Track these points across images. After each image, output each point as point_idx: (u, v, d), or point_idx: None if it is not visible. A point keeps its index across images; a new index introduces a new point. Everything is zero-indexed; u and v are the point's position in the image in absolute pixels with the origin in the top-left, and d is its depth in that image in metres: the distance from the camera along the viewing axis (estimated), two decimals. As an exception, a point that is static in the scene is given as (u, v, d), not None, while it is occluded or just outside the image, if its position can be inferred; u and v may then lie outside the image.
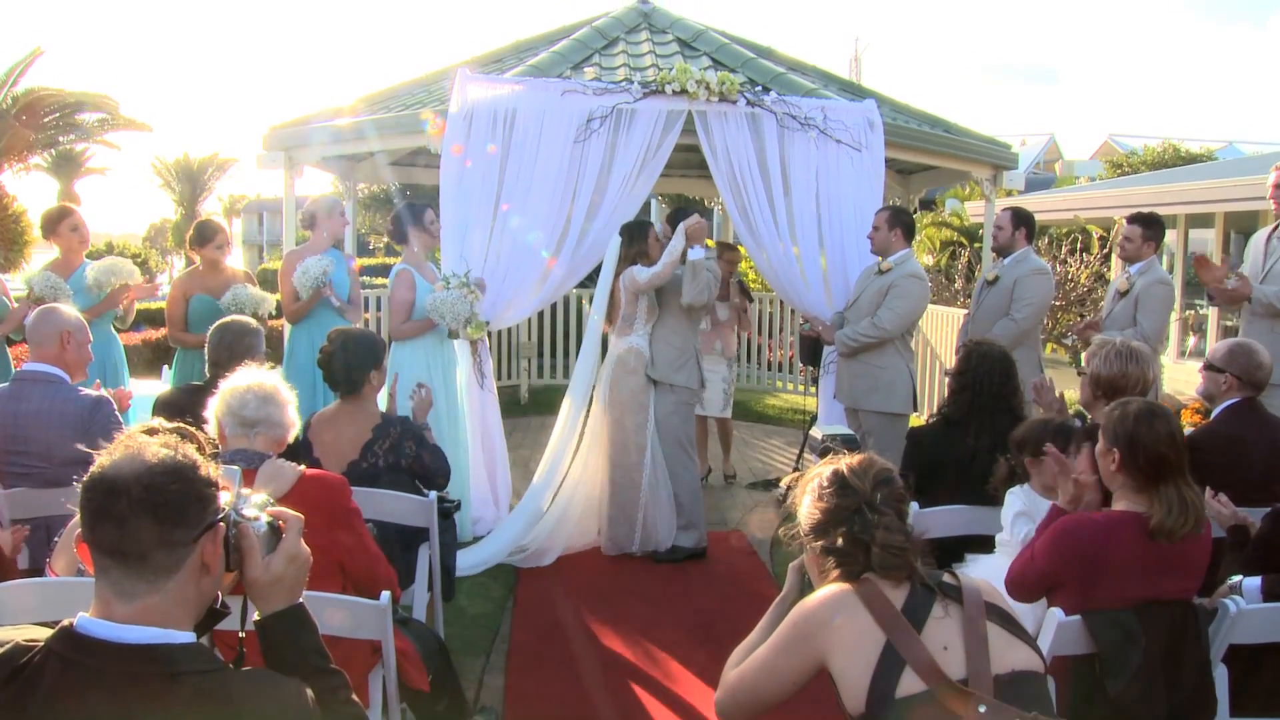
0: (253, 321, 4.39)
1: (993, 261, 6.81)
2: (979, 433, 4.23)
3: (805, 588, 2.38)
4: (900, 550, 2.17)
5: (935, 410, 4.69)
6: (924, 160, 7.99)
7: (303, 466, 2.99)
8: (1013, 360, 4.41)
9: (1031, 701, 2.04)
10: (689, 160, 9.24)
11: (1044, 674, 2.15)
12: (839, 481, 2.27)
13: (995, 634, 2.12)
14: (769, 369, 12.24)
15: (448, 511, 4.27)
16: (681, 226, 5.85)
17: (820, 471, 2.33)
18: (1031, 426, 3.76)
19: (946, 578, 2.23)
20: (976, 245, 16.42)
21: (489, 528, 6.30)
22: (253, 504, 1.79)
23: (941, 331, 9.58)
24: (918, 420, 6.88)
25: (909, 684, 2.03)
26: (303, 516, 1.86)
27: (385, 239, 32.46)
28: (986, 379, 4.31)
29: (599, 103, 6.32)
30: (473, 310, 5.98)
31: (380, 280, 22.08)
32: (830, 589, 2.20)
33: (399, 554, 3.88)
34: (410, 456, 4.09)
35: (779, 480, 2.17)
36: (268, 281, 12.72)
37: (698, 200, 15.19)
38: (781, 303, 12.06)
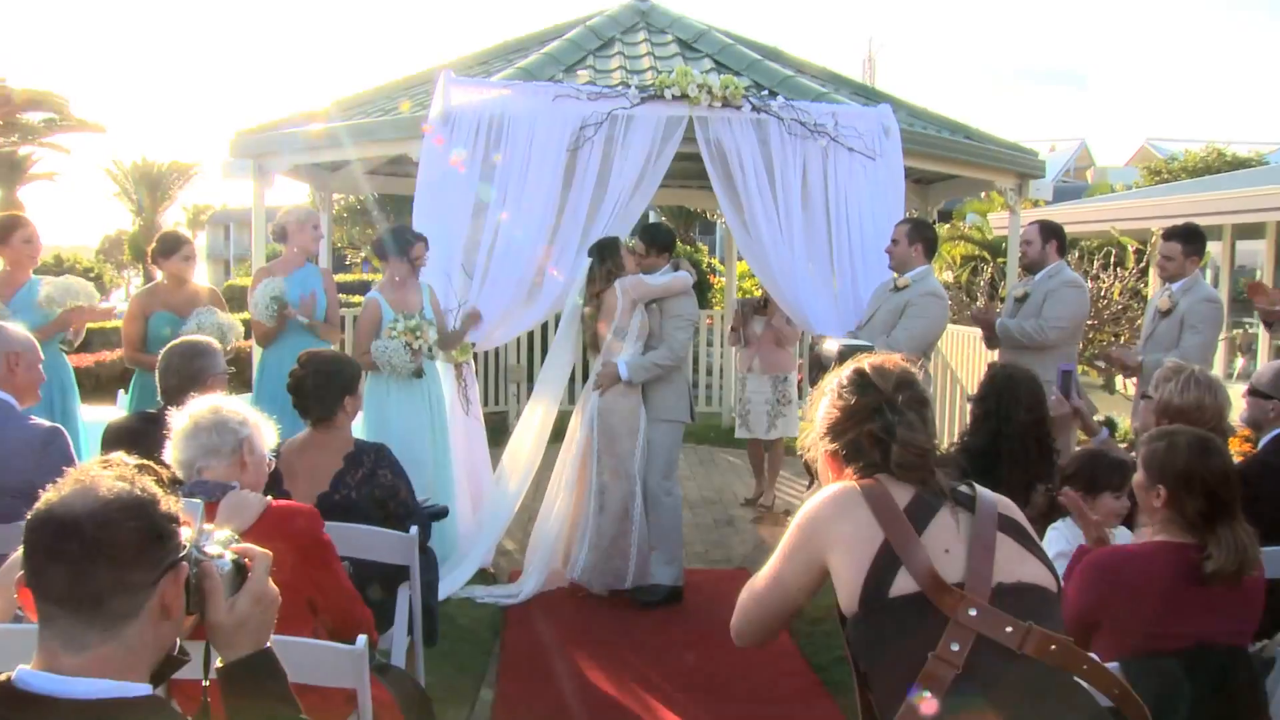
0: (205, 340, 4.30)
1: (1019, 278, 6.81)
2: (1011, 463, 4.19)
3: None
4: (922, 452, 2.23)
5: (955, 439, 4.67)
6: (943, 169, 8.01)
7: (270, 498, 2.97)
8: (1041, 385, 4.40)
9: (1033, 614, 2.06)
10: (689, 170, 9.26)
11: (1055, 593, 2.19)
12: (860, 380, 2.33)
13: (1005, 544, 2.17)
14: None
15: (433, 516, 4.27)
16: (685, 268, 6.18)
17: (840, 371, 2.39)
18: (1083, 458, 3.72)
19: (963, 487, 2.28)
20: (1000, 260, 16.43)
21: (476, 565, 6.29)
22: (216, 540, 1.77)
23: (962, 353, 9.56)
24: (941, 449, 6.87)
25: (903, 584, 2.08)
26: (270, 553, 1.85)
27: (363, 254, 32.56)
28: (1012, 404, 4.29)
29: (593, 108, 6.34)
30: (419, 356, 5.90)
31: (356, 298, 22.11)
32: (834, 486, 2.27)
33: (376, 594, 3.86)
34: (385, 487, 4.07)
35: (788, 515, 2.17)
36: (235, 299, 12.75)
37: (699, 212, 15.23)
38: (789, 321, 12.07)
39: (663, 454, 6.09)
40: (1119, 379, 14.00)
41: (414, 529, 3.96)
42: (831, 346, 5.71)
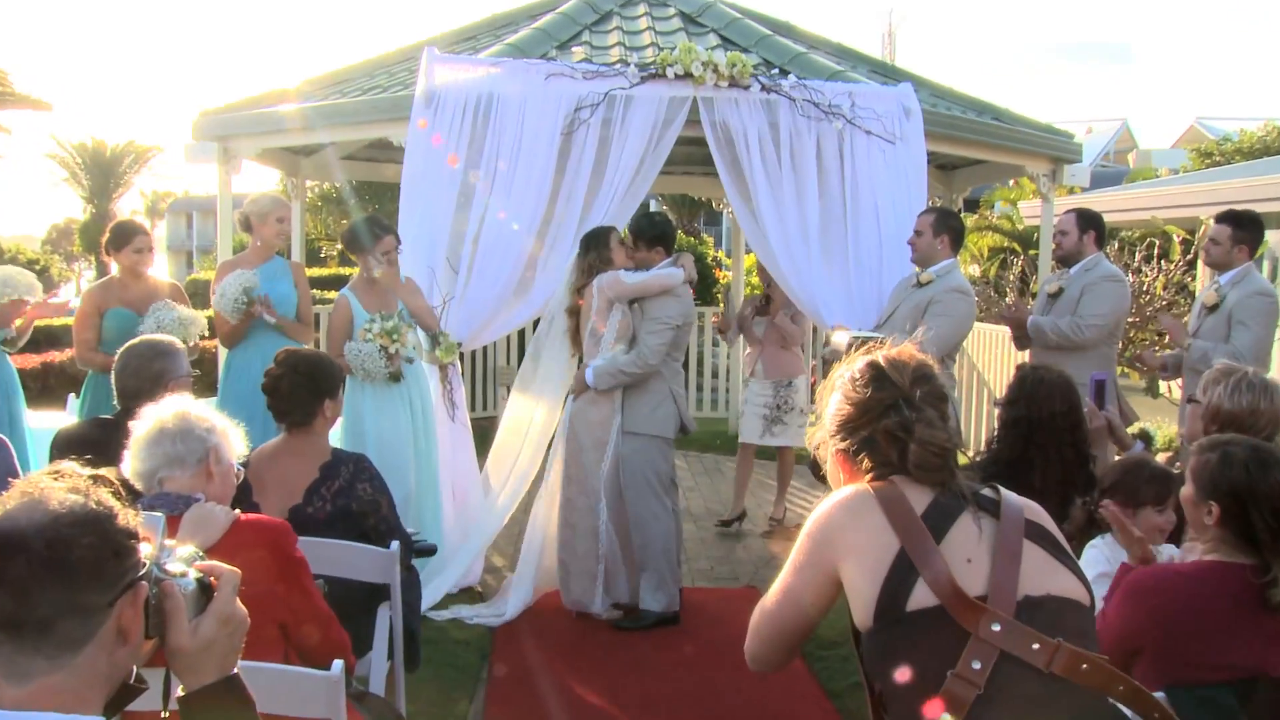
0: (166, 339, 4.30)
1: (1053, 271, 6.80)
2: (1044, 474, 4.17)
3: None
4: (942, 450, 2.23)
5: (982, 448, 4.66)
6: (969, 153, 8.02)
7: (237, 511, 2.97)
8: (1075, 387, 4.39)
9: (1063, 630, 2.05)
10: (693, 155, 9.27)
11: (1088, 606, 2.17)
12: (875, 373, 2.33)
13: (1033, 554, 2.16)
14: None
15: (420, 553, 4.28)
16: (685, 264, 6.02)
17: (852, 364, 2.38)
18: (1122, 469, 3.71)
19: (986, 490, 2.27)
20: (1032, 253, 16.39)
21: (459, 584, 6.30)
22: (178, 557, 1.76)
23: (990, 354, 9.58)
24: (964, 459, 6.88)
25: (920, 596, 2.07)
26: (238, 571, 1.84)
27: (339, 247, 32.58)
28: (1044, 408, 4.27)
29: (589, 88, 6.34)
30: (397, 360, 5.87)
31: (331, 294, 22.14)
32: (845, 490, 2.27)
33: (353, 615, 3.85)
34: (364, 500, 4.07)
35: (798, 529, 2.16)
36: (199, 294, 12.70)
37: (704, 201, 15.23)
38: (793, 318, 12.07)
39: (640, 472, 5.96)
40: (1162, 382, 13.96)
41: (394, 544, 3.96)
42: (841, 339, 5.71)
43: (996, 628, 2.01)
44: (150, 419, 3.01)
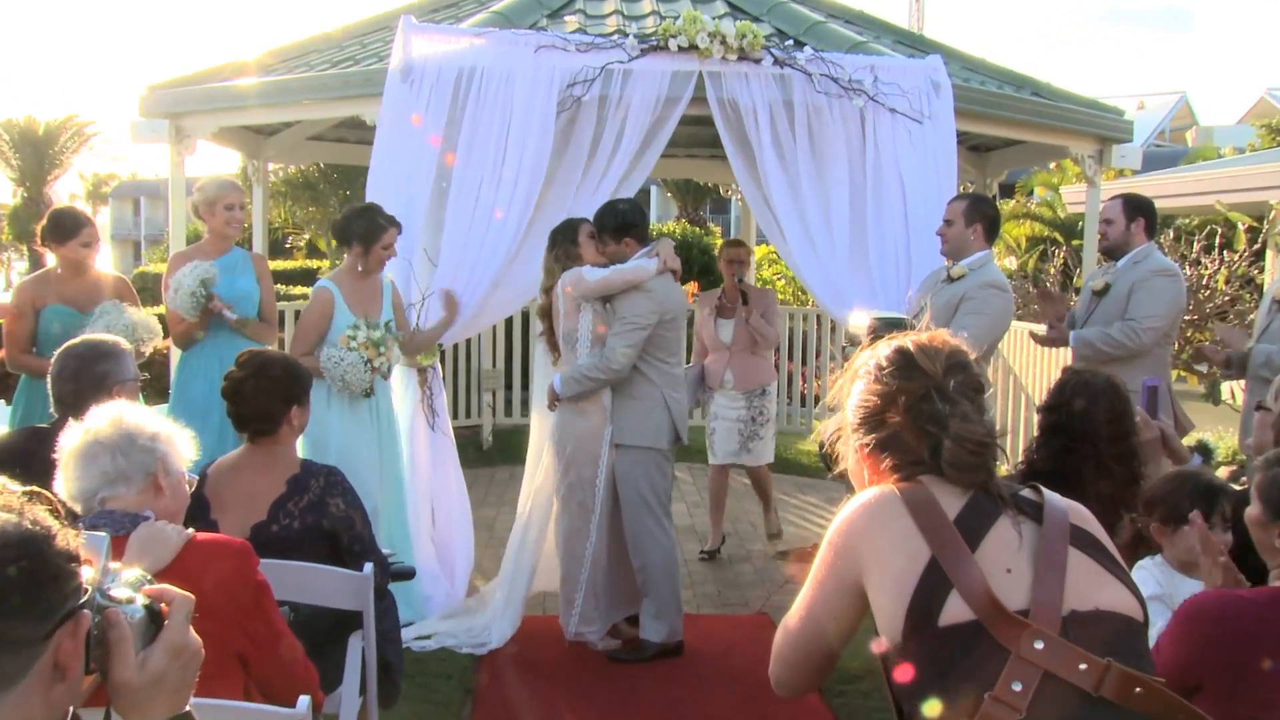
0: (110, 339, 4.28)
1: (1099, 265, 6.79)
2: (1087, 489, 4.15)
3: None
4: (979, 447, 2.20)
5: (1020, 459, 4.66)
6: (1005, 133, 8.01)
7: (192, 530, 2.95)
8: (1125, 392, 4.38)
9: (1114, 649, 2.03)
10: (699, 136, 9.27)
11: (1141, 623, 2.15)
12: (903, 360, 2.30)
13: (1080, 564, 2.14)
14: (802, 404, 12.24)
15: (397, 576, 4.27)
16: (663, 252, 5.93)
17: (877, 350, 2.36)
18: (1167, 483, 3.70)
19: (1026, 492, 2.26)
20: (1075, 243, 16.37)
21: (441, 611, 6.31)
22: (124, 582, 1.75)
23: (1028, 355, 9.56)
24: (1003, 471, 6.88)
25: (954, 610, 2.05)
26: (192, 596, 1.83)
27: (307, 236, 32.58)
28: (1088, 415, 4.26)
29: (584, 62, 6.34)
30: (375, 375, 5.86)
31: (299, 290, 22.06)
32: (869, 492, 2.25)
33: (322, 646, 3.85)
34: (337, 517, 4.06)
35: (815, 549, 2.13)
36: (149, 290, 12.67)
37: (711, 187, 15.24)
38: (819, 319, 12.11)
39: (635, 488, 5.93)
40: (1224, 386, 13.90)
41: (369, 566, 3.95)
42: (861, 320, 5.69)
43: (1039, 645, 1.99)
44: (82, 431, 2.94)
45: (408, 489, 6.24)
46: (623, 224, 5.94)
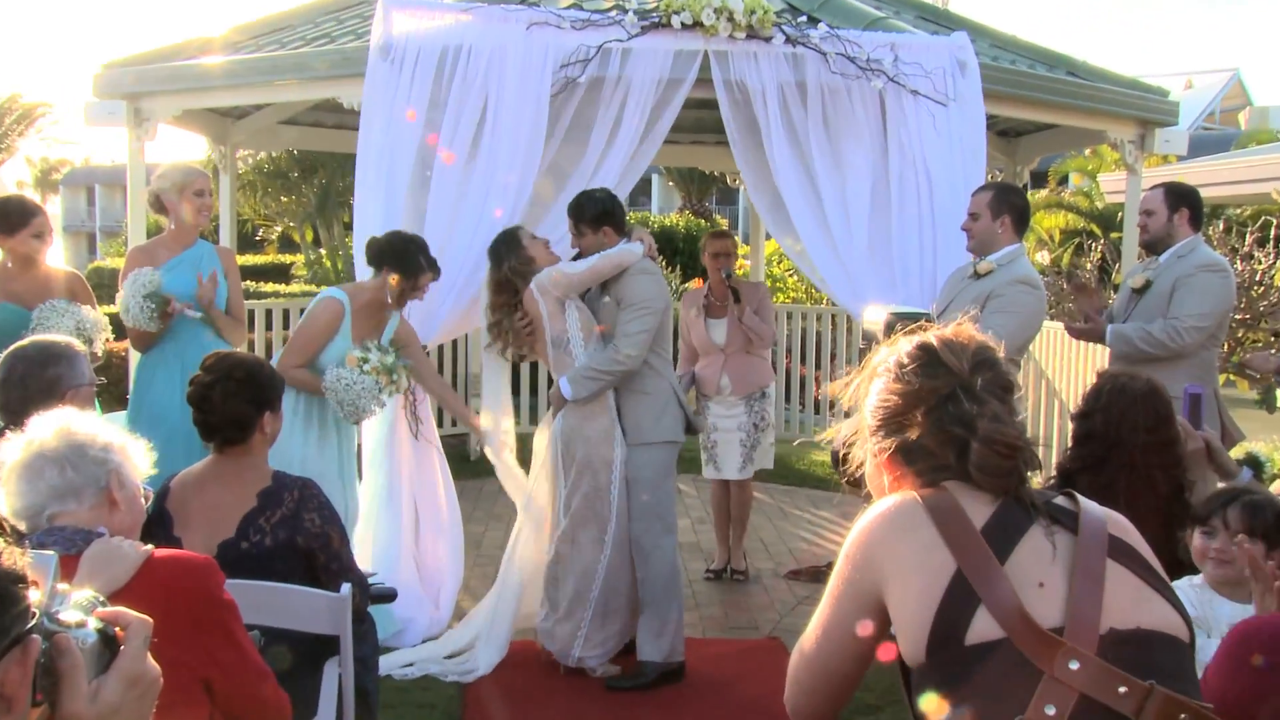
0: (63, 340, 4.27)
1: (1139, 260, 6.77)
2: (1126, 501, 4.15)
3: None
4: (1010, 450, 2.19)
5: (1053, 471, 4.66)
6: (1037, 116, 8.03)
7: (150, 547, 2.93)
8: (1167, 396, 4.37)
9: (1156, 670, 2.02)
10: (704, 121, 9.28)
11: (1186, 643, 2.14)
12: (926, 356, 2.30)
13: (1120, 578, 2.13)
14: (815, 411, 12.23)
15: (377, 598, 4.26)
16: (646, 238, 5.98)
17: (897, 346, 2.36)
18: (1213, 501, 3.70)
19: (1060, 499, 2.25)
20: (1114, 236, 16.40)
21: (424, 636, 6.30)
22: (75, 604, 1.74)
23: (1062, 357, 9.56)
24: (1036, 484, 6.89)
25: (982, 627, 2.05)
26: (150, 620, 1.82)
27: (279, 228, 32.54)
28: (1125, 424, 4.26)
29: (579, 40, 6.34)
30: (382, 397, 5.87)
31: (270, 286, 22.06)
32: (889, 499, 2.24)
33: (295, 673, 3.85)
34: (312, 534, 4.06)
35: (829, 568, 2.12)
36: (105, 287, 12.68)
37: (717, 176, 15.25)
38: (834, 318, 12.10)
39: (648, 488, 5.97)
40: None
41: (346, 587, 3.95)
42: (878, 314, 5.67)
43: (1075, 666, 1.99)
44: (24, 443, 2.91)
45: (383, 503, 6.24)
46: (602, 212, 6.02)
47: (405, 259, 5.96)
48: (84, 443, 2.92)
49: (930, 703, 2.07)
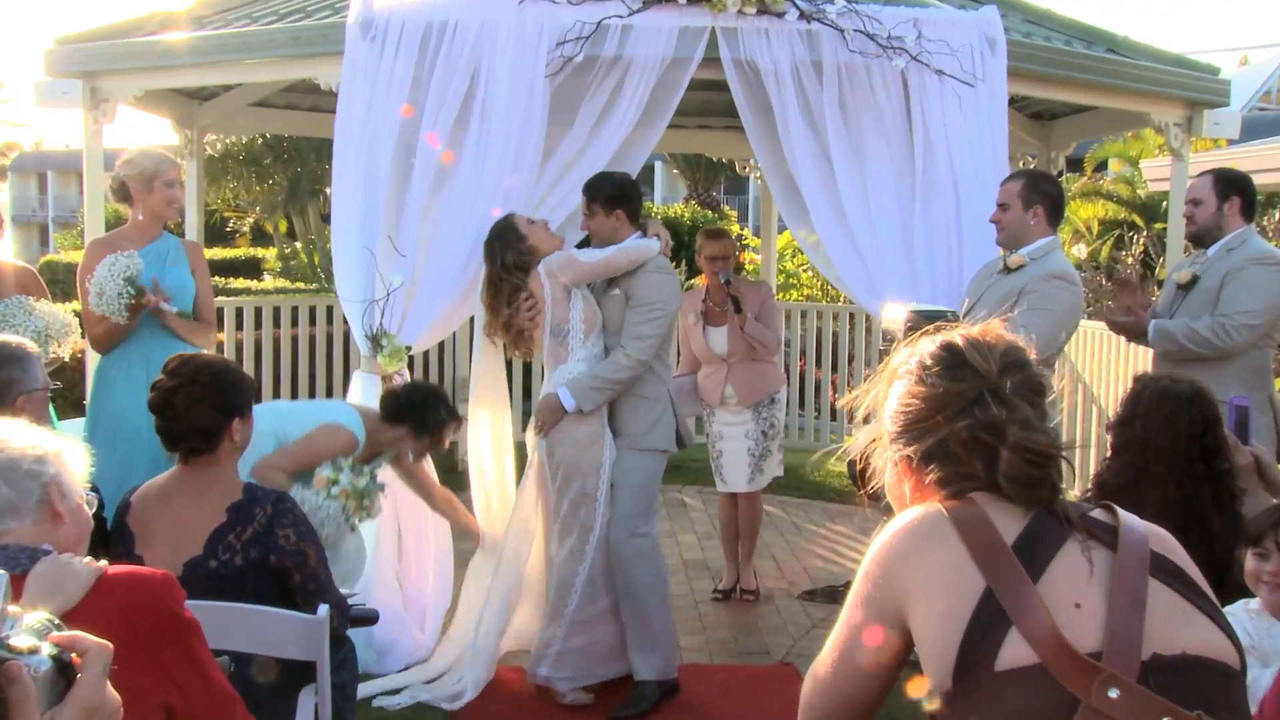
0: (15, 340, 4.28)
1: (1185, 254, 6.75)
2: (1160, 514, 4.14)
3: None
4: (1042, 458, 2.19)
5: (1090, 483, 4.65)
6: (1074, 97, 8.02)
7: (104, 562, 2.89)
8: (1214, 400, 4.36)
9: (1203, 699, 2.01)
10: (712, 104, 9.28)
11: (1237, 670, 2.13)
12: (952, 357, 2.30)
13: (1163, 598, 2.12)
14: (831, 417, 12.21)
15: (357, 621, 4.26)
16: (662, 233, 5.98)
17: (919, 347, 2.36)
18: (1265, 520, 3.70)
19: (1098, 513, 2.25)
20: (1158, 227, 16.36)
21: (407, 661, 6.31)
22: (27, 628, 1.74)
23: (1100, 359, 9.55)
24: (1072, 496, 6.88)
25: (1014, 652, 2.04)
26: (109, 645, 1.83)
27: (251, 220, 32.57)
28: (1167, 431, 4.24)
29: (575, 16, 6.33)
30: (350, 529, 5.69)
31: (241, 282, 22.02)
32: (911, 512, 2.24)
33: (267, 701, 3.85)
34: (287, 551, 4.06)
35: (846, 588, 2.12)
36: (60, 283, 12.67)
37: (726, 163, 15.23)
38: (852, 317, 12.09)
39: (633, 496, 5.96)
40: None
41: (324, 609, 3.96)
42: (896, 313, 5.65)
43: (1114, 694, 1.98)
44: None
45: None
46: (619, 194, 6.05)
47: (426, 416, 5.89)
48: (16, 457, 2.87)
49: None
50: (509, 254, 5.94)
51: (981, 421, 2.23)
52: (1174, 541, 2.26)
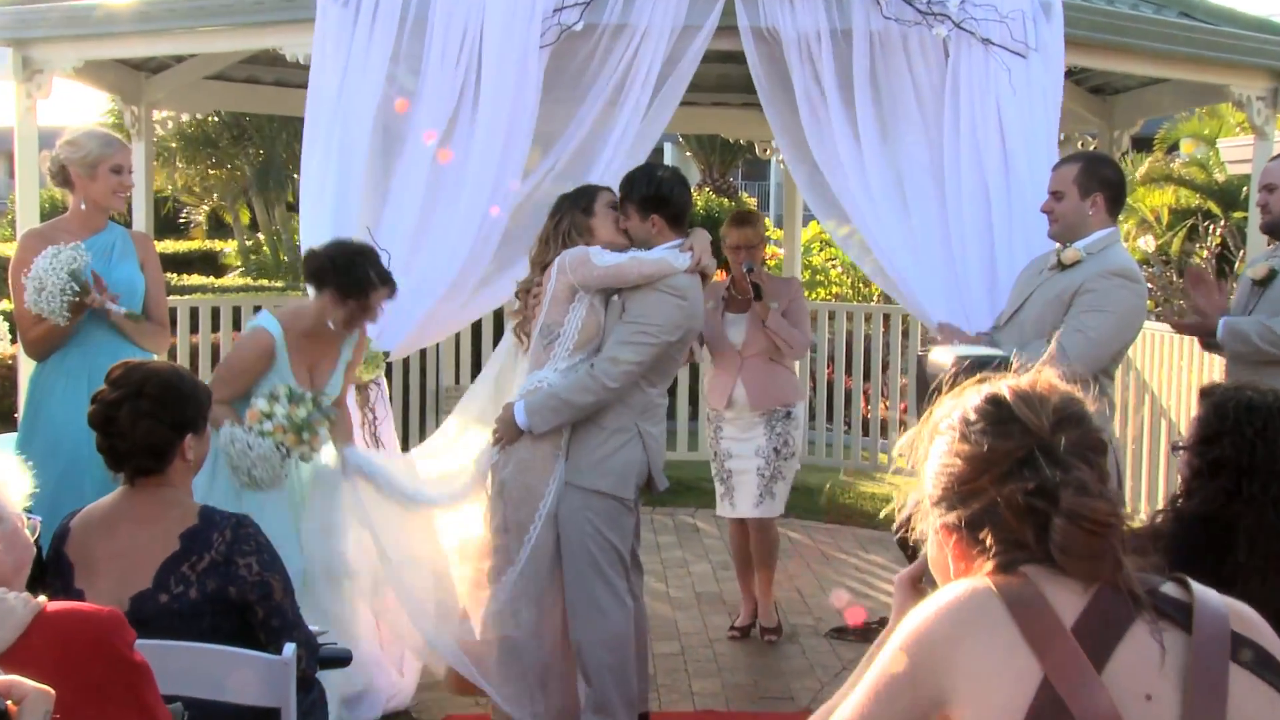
0: None
1: (1268, 247, 6.74)
2: (1254, 541, 4.09)
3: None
4: (1102, 526, 2.14)
5: (1165, 505, 4.62)
6: (1140, 69, 7.98)
7: (42, 599, 2.91)
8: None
9: None
10: (729, 78, 9.29)
11: None
12: (999, 412, 2.27)
13: (1248, 688, 2.09)
14: (864, 432, 12.22)
15: (328, 661, 4.29)
16: (697, 247, 5.83)
17: (963, 400, 2.33)
18: None
19: (1169, 587, 2.22)
20: (1237, 215, 16.32)
21: (384, 709, 6.32)
22: (-40, 674, 1.77)
23: (1169, 366, 9.54)
24: (1137, 524, 6.88)
25: None
26: (50, 691, 1.84)
27: (207, 208, 32.55)
28: (1262, 449, 4.20)
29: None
30: (291, 459, 5.71)
31: (196, 278, 22.04)
32: (956, 587, 2.21)
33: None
34: (249, 583, 4.07)
35: (881, 624, 2.11)
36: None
37: (744, 145, 15.23)
38: (886, 318, 12.08)
39: (580, 541, 5.78)
40: None
41: (289, 648, 3.96)
42: (944, 357, 5.60)
43: None
44: None
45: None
46: (655, 195, 5.88)
47: (350, 276, 5.78)
48: None
49: None
50: (571, 216, 5.88)
51: (1032, 486, 2.18)
52: (1260, 620, 2.21)
